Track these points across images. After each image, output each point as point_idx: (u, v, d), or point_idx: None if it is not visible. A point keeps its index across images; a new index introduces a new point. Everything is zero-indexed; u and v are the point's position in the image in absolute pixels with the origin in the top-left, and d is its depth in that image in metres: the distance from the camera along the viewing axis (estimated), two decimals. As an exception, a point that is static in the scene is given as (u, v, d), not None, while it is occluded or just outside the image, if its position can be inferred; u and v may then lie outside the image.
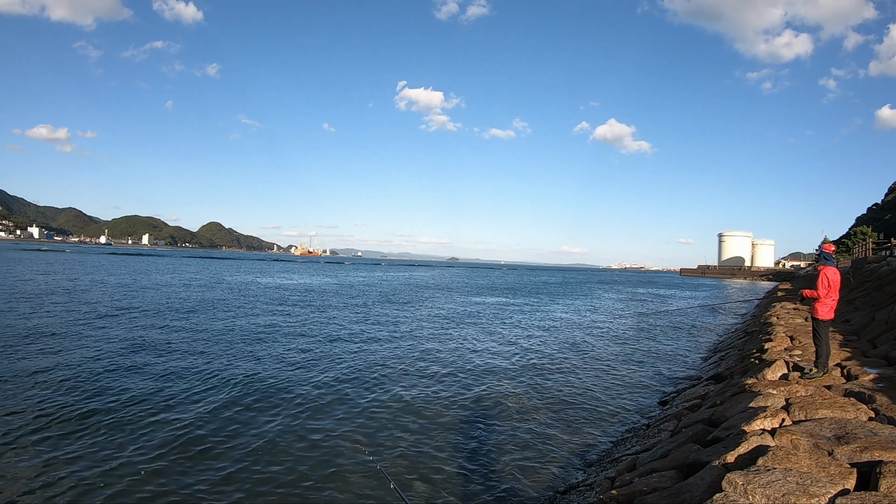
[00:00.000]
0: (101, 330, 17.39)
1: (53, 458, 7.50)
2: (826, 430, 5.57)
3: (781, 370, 9.26)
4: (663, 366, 16.63)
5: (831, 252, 8.96)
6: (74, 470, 7.14)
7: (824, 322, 8.55)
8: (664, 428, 8.82)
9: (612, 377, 14.55)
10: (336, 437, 8.91)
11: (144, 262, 79.81)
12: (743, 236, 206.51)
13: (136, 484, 6.85)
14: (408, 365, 14.65)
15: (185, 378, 12.03)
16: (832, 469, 4.50)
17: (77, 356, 13.36)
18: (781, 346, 12.39)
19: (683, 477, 5.43)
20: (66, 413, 9.24)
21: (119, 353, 13.90)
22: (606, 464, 8.08)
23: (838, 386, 7.75)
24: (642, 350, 19.55)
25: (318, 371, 13.27)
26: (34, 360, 12.74)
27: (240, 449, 8.16)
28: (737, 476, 4.31)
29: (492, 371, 14.51)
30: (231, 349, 15.36)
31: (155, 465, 7.40)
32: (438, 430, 9.53)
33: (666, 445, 7.11)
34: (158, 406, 9.90)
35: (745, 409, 6.81)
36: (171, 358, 13.79)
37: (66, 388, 10.64)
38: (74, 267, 56.97)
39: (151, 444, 8.11)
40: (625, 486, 5.99)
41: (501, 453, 8.57)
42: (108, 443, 8.11)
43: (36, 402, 9.68)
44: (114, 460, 7.47)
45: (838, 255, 60.08)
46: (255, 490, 6.90)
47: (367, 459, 7.76)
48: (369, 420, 9.90)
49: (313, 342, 17.29)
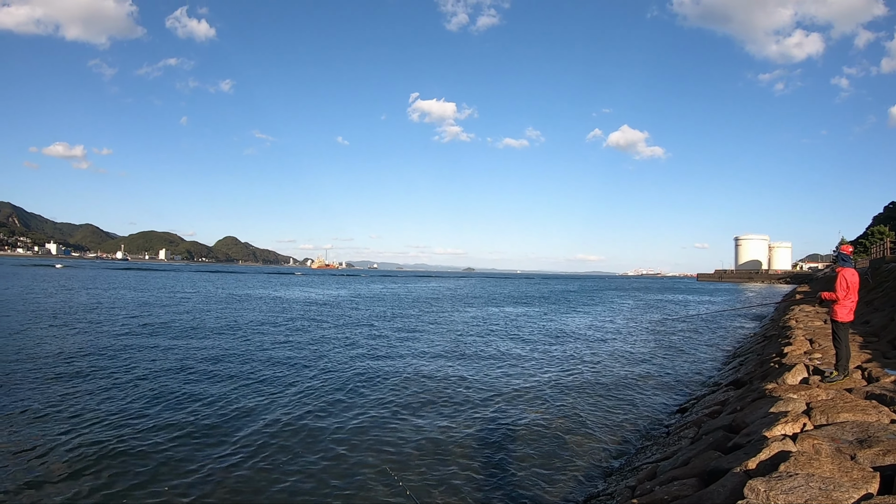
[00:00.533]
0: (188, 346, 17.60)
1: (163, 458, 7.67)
2: (848, 433, 5.52)
3: (801, 374, 9.17)
4: (682, 372, 16.49)
5: (849, 253, 8.88)
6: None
7: (844, 324, 8.46)
8: (684, 435, 8.75)
9: (630, 385, 14.45)
10: (350, 444, 8.98)
11: (173, 278, 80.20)
12: (759, 239, 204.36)
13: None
14: (425, 375, 14.66)
15: (239, 391, 12.34)
16: (855, 473, 4.46)
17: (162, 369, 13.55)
18: (801, 349, 12.28)
19: (704, 485, 5.39)
20: (163, 423, 9.37)
21: (192, 367, 14.08)
22: (626, 473, 8.03)
23: (859, 388, 7.67)
24: (660, 357, 19.39)
25: (325, 379, 13.33)
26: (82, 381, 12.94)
27: (253, 448, 8.23)
28: (758, 482, 4.28)
29: (510, 380, 14.47)
30: (267, 369, 15.48)
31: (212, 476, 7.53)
32: (456, 439, 9.54)
33: (686, 453, 7.06)
34: (208, 427, 10.00)
35: (765, 415, 6.76)
36: (219, 375, 13.93)
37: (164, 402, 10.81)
38: (107, 282, 57.55)
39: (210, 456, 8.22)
40: (645, 494, 5.95)
41: (521, 463, 8.55)
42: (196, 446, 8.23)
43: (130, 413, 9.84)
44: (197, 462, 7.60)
45: (856, 256, 59.32)
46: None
47: (384, 468, 7.85)
48: (384, 430, 9.92)
49: (319, 350, 17.36)
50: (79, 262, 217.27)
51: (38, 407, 10.59)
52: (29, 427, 9.45)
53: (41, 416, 10.03)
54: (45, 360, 15.04)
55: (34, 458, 8.08)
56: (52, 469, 7.75)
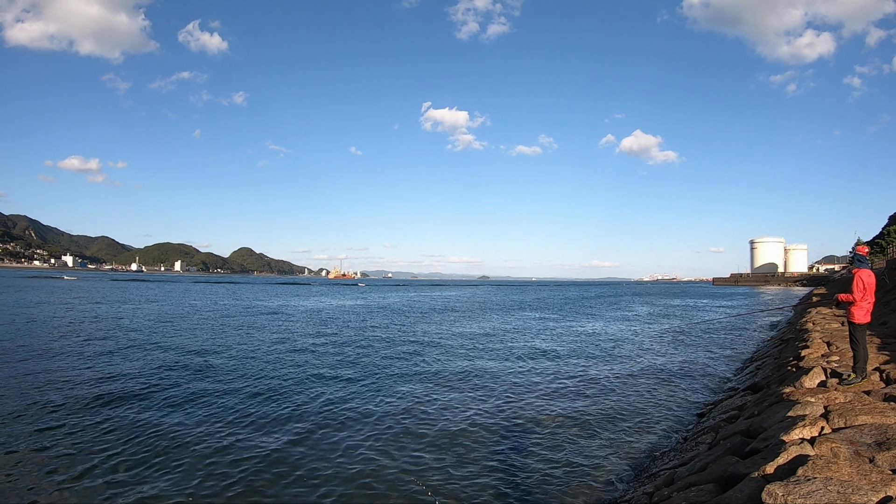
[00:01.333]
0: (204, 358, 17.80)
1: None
2: (866, 436, 5.49)
3: (819, 377, 9.11)
4: (699, 378, 16.38)
5: (865, 254, 8.82)
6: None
7: (861, 326, 8.40)
8: (702, 441, 8.71)
9: (647, 391, 14.39)
10: (367, 450, 9.07)
11: (184, 290, 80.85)
12: (775, 242, 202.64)
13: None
14: (442, 382, 14.71)
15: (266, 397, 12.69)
16: (874, 476, 4.45)
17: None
18: (818, 352, 12.18)
19: (722, 490, 5.38)
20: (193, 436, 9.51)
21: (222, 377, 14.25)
22: (644, 479, 8.01)
23: (878, 391, 7.61)
24: (677, 362, 19.27)
25: (344, 384, 13.41)
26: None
27: (271, 455, 8.31)
28: (776, 487, 4.28)
29: (527, 386, 14.49)
30: (291, 376, 15.60)
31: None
32: (475, 446, 9.59)
33: (704, 458, 7.04)
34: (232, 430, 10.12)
35: (783, 419, 6.73)
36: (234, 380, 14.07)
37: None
38: (124, 295, 58.12)
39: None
40: (663, 501, 5.96)
41: (539, 469, 8.56)
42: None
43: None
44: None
45: (872, 257, 58.62)
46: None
47: (403, 472, 7.91)
48: (403, 433, 10.01)
49: (331, 358, 17.46)
50: (88, 274, 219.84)
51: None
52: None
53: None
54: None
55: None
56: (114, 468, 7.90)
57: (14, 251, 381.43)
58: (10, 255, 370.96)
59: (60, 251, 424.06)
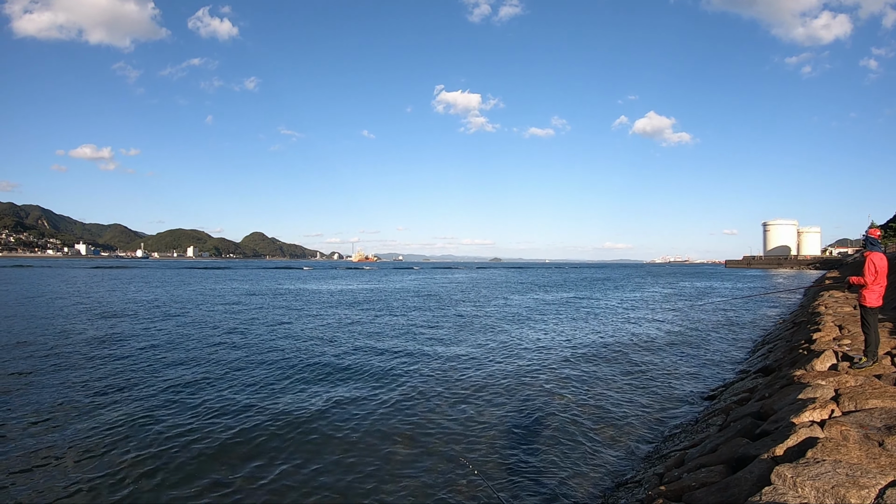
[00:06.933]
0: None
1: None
2: (876, 420, 5.53)
3: (830, 360, 9.12)
4: (710, 360, 16.42)
5: (877, 237, 8.75)
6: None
7: (873, 309, 8.39)
8: (712, 423, 8.79)
9: (658, 373, 14.47)
10: (370, 431, 9.29)
11: (218, 276, 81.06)
12: (788, 224, 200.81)
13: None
14: (455, 364, 14.83)
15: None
16: (882, 460, 4.50)
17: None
18: (830, 335, 12.17)
19: (732, 471, 5.46)
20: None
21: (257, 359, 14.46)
22: (654, 460, 8.11)
23: (889, 375, 7.62)
24: (688, 344, 19.31)
25: (353, 368, 13.58)
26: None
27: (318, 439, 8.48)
28: (786, 469, 4.35)
29: (538, 368, 14.62)
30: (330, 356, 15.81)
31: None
32: (487, 428, 9.73)
33: (714, 440, 7.12)
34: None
35: (793, 401, 6.78)
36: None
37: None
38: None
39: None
40: (673, 481, 6.04)
41: (551, 451, 8.68)
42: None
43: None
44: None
45: (885, 240, 57.95)
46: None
47: (412, 451, 8.10)
48: (417, 418, 10.16)
49: (343, 344, 17.64)
50: (72, 262, 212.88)
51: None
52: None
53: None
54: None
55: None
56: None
57: (27, 241, 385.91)
58: (23, 245, 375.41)
59: (73, 239, 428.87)
